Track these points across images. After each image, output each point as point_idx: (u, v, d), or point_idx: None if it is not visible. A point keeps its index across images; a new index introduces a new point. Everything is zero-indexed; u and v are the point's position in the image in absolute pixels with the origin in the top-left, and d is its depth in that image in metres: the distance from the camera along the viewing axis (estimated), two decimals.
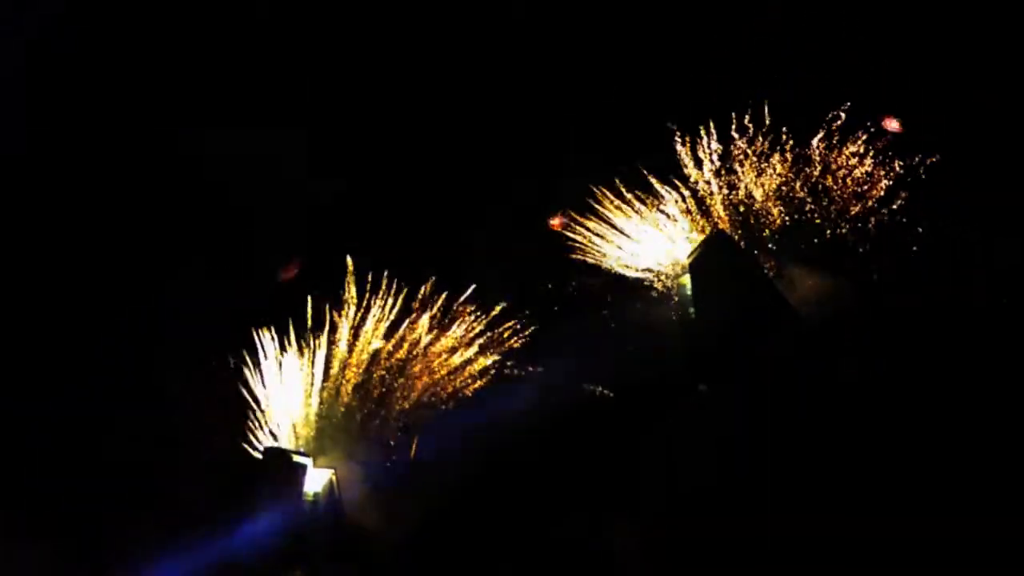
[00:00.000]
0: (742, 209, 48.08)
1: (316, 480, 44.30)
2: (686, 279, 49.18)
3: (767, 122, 47.47)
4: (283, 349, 46.40)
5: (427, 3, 54.13)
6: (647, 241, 49.62)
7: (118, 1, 54.70)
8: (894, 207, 45.27)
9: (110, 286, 49.66)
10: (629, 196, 49.09)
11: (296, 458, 44.38)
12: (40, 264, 49.89)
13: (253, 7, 54.64)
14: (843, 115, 46.37)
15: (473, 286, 47.46)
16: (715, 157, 48.20)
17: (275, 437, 45.44)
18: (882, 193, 45.75)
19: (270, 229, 51.17)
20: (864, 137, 46.42)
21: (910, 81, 45.61)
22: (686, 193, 48.66)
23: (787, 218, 47.52)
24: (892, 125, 45.23)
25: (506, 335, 47.50)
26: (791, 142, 47.31)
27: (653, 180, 48.64)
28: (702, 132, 48.12)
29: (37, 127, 52.76)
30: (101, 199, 51.81)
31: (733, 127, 47.84)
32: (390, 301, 47.17)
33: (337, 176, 51.78)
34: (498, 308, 47.41)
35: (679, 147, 48.55)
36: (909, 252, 44.23)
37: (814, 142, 47.13)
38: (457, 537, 40.67)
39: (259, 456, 44.85)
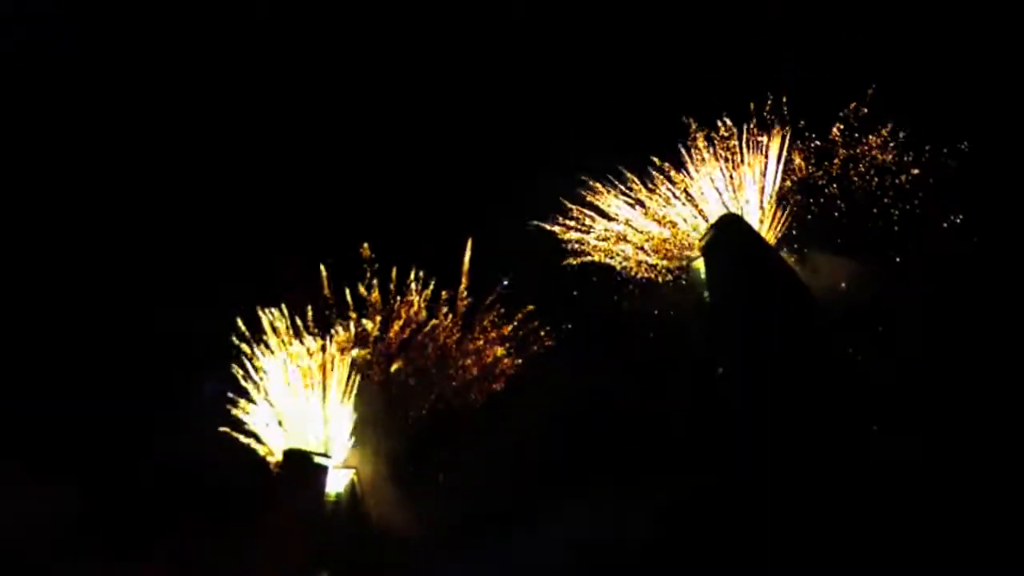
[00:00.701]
0: (760, 197, 47.29)
1: (338, 481, 44.45)
2: (700, 263, 48.65)
3: (785, 114, 46.67)
4: (301, 341, 46.27)
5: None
6: (662, 229, 49.07)
7: (118, 1, 53.94)
8: (918, 199, 44.46)
9: (113, 287, 49.47)
10: (640, 188, 48.41)
11: (317, 459, 44.47)
12: (40, 265, 49.69)
13: (253, 7, 53.84)
14: (865, 109, 45.47)
15: (503, 284, 47.38)
16: (731, 146, 47.39)
17: (295, 438, 45.43)
18: (908, 185, 44.88)
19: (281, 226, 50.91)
20: (886, 130, 45.50)
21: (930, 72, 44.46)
22: (702, 181, 47.88)
23: (812, 205, 46.74)
24: None
25: (528, 336, 47.50)
26: (811, 133, 46.48)
27: (669, 168, 47.88)
28: (719, 124, 47.30)
29: (37, 127, 52.16)
30: (102, 199, 51.54)
31: (752, 121, 46.99)
32: (415, 300, 47.17)
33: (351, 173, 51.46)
34: (523, 312, 47.40)
35: (694, 138, 47.75)
36: (938, 242, 43.33)
37: (835, 130, 46.25)
38: (484, 537, 40.82)
39: (279, 458, 45.00)
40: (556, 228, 48.94)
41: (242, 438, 45.23)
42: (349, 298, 47.25)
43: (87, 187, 51.40)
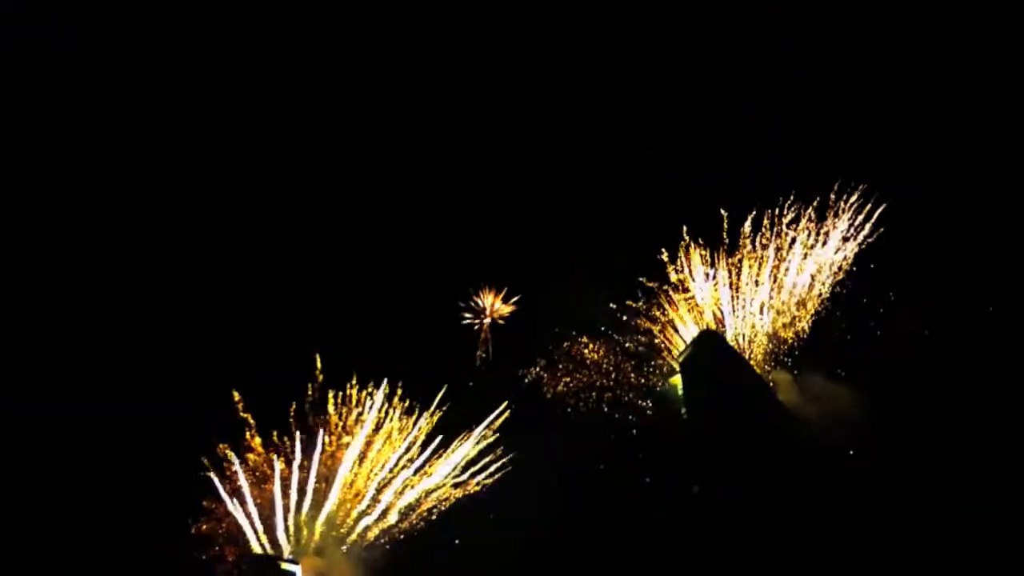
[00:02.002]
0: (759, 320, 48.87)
1: None
2: (677, 379, 49.49)
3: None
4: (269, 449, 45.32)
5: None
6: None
7: (118, 1, 55.08)
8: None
9: (112, 287, 49.27)
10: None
11: (285, 565, 42.89)
12: (40, 265, 49.48)
13: (253, 7, 55.02)
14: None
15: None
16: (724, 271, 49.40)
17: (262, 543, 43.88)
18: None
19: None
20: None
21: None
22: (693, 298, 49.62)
23: (806, 327, 48.44)
24: None
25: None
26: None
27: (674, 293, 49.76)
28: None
29: (37, 127, 52.67)
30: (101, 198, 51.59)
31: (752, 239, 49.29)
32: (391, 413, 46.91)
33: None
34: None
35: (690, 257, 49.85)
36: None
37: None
38: None
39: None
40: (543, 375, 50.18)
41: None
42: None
43: (87, 187, 51.40)
